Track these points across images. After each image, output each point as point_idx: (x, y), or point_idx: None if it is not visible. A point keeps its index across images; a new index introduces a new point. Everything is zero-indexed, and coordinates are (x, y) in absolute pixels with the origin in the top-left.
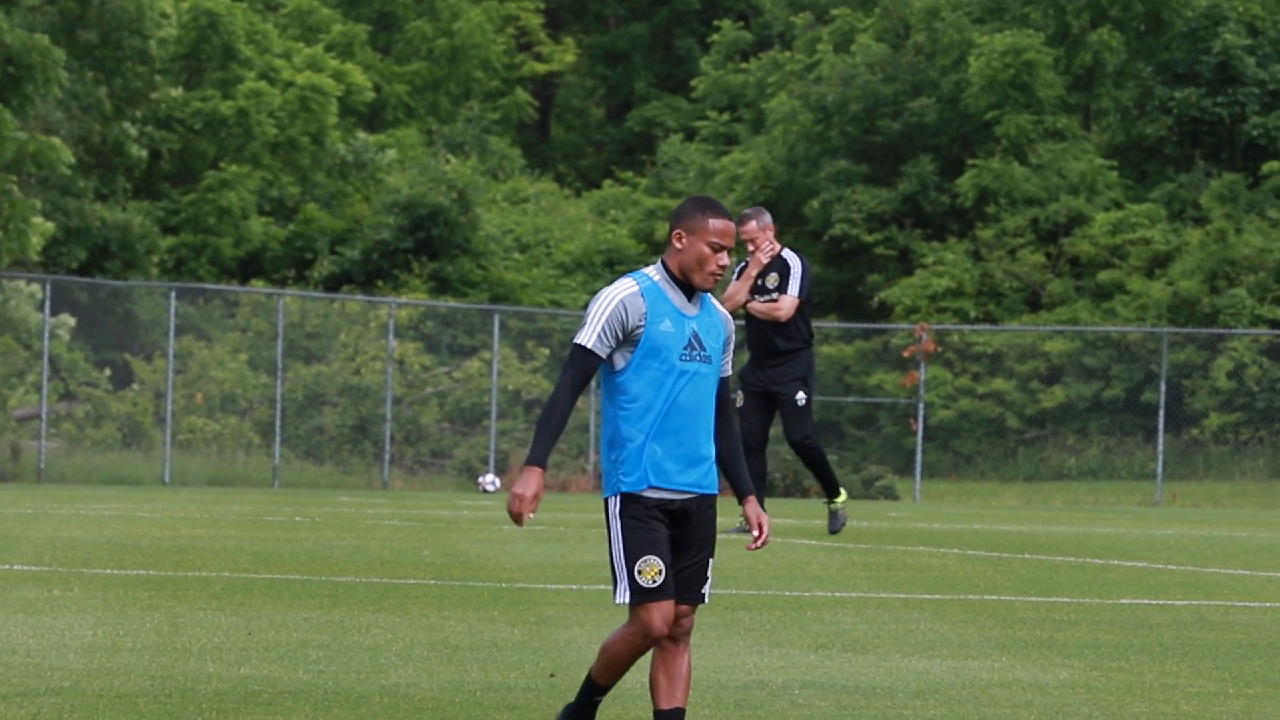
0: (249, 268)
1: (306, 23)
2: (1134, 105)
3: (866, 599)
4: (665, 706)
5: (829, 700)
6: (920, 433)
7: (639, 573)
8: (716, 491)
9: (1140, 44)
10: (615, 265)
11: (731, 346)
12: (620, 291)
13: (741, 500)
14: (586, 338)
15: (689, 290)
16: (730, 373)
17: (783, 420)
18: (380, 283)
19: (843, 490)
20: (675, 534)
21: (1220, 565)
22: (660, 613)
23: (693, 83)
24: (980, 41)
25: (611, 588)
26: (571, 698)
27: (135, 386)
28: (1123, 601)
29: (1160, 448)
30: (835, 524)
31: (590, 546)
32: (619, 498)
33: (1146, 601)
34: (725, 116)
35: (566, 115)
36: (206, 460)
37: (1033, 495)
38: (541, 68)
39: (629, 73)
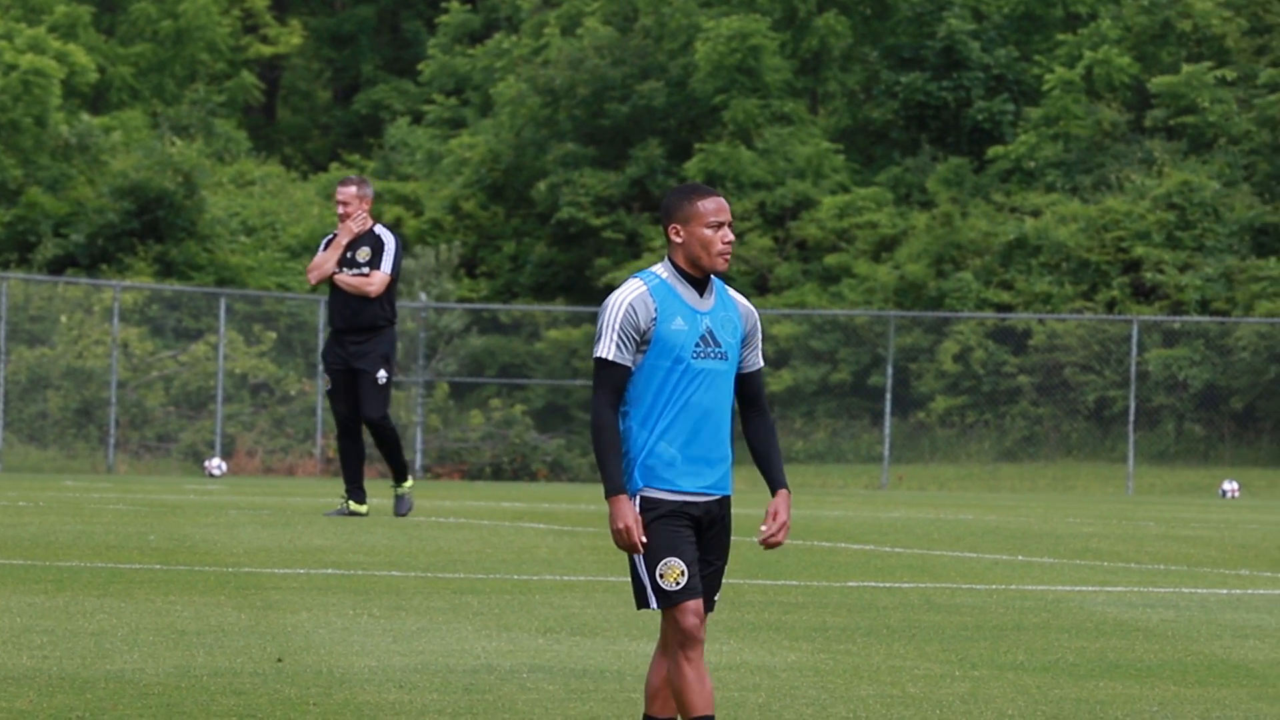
0: None
1: (28, 3)
2: (860, 89)
3: (595, 582)
4: (661, 716)
5: (557, 684)
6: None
7: (660, 576)
8: (731, 493)
9: (866, 28)
10: None
11: (758, 339)
12: (628, 294)
13: (773, 492)
14: (605, 349)
15: (701, 285)
16: (762, 364)
17: (360, 397)
18: (105, 266)
19: (410, 476)
20: (696, 539)
21: (946, 548)
22: (693, 611)
23: (419, 66)
24: (707, 26)
25: (634, 596)
26: (299, 681)
27: None
28: (850, 584)
29: (887, 431)
30: (402, 507)
31: (318, 531)
32: (637, 499)
33: (873, 584)
34: (453, 100)
35: (293, 98)
36: None
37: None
38: (268, 50)
39: (356, 55)
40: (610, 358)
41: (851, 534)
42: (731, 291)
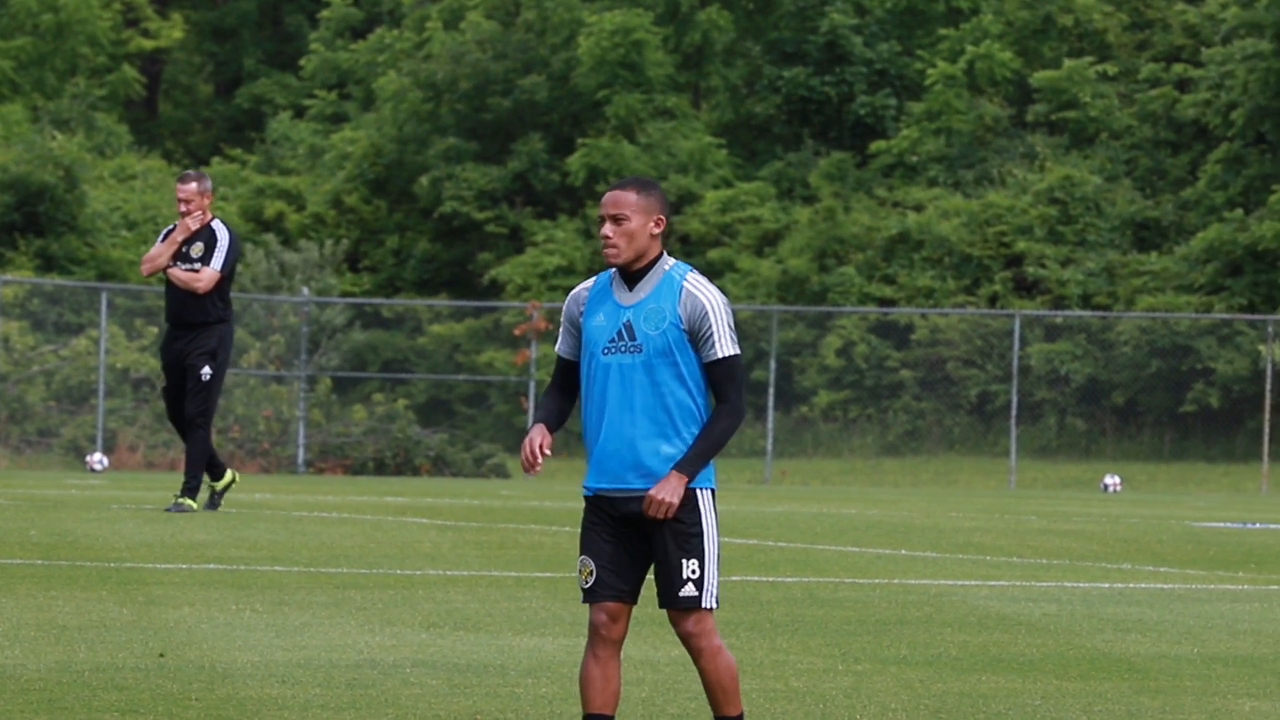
0: None
1: None
2: (743, 84)
3: (478, 577)
4: (716, 714)
5: (440, 679)
6: (531, 411)
7: (579, 572)
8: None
9: (749, 23)
10: None
11: (710, 328)
12: (573, 290)
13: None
14: (557, 342)
15: (633, 279)
16: (725, 353)
17: (185, 392)
18: None
19: (195, 500)
20: (635, 535)
21: (829, 542)
22: (603, 611)
23: (301, 61)
24: (590, 20)
25: None
26: (181, 676)
27: None
28: (733, 579)
29: (770, 425)
30: (174, 508)
31: (200, 526)
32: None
33: (757, 579)
34: (334, 95)
35: (175, 92)
36: None
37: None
38: (149, 44)
39: (237, 49)
40: (557, 350)
41: (735, 528)
42: (692, 281)
